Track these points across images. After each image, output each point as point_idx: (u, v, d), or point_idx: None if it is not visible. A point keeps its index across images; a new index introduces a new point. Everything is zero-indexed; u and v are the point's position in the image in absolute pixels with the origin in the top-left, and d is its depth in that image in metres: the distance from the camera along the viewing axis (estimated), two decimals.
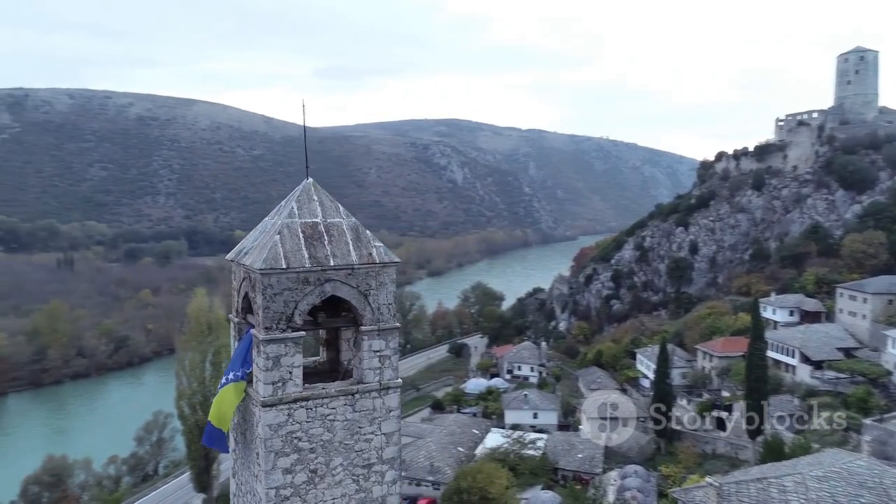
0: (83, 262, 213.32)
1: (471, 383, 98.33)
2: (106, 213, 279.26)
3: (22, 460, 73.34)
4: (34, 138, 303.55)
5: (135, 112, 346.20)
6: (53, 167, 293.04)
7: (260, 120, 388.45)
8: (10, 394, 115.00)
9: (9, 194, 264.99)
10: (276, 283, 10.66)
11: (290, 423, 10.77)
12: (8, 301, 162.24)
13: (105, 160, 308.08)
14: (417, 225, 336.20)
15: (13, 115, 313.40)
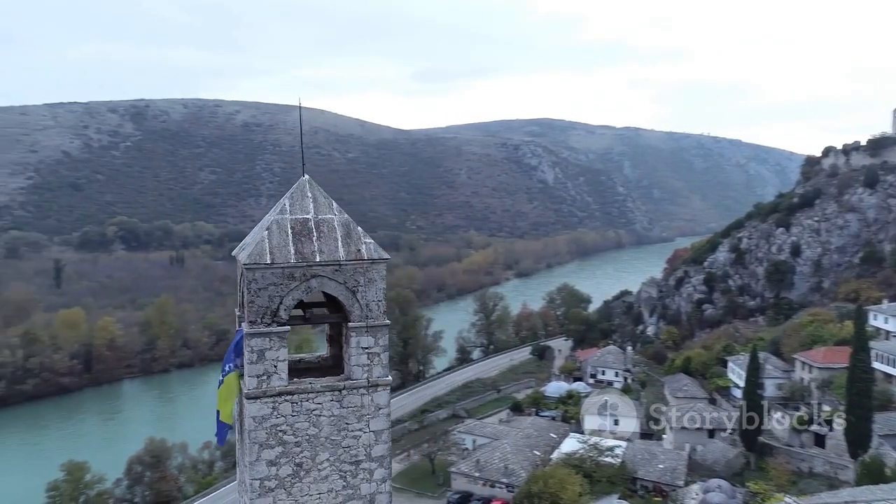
0: (192, 260, 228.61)
1: (551, 386, 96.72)
2: (213, 214, 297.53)
3: (130, 441, 79.49)
4: (153, 145, 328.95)
5: (241, 119, 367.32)
6: (169, 172, 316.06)
7: (355, 124, 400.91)
8: (124, 380, 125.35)
9: (130, 197, 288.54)
10: (261, 277, 10.88)
11: (275, 417, 10.96)
12: (126, 295, 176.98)
13: (214, 165, 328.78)
14: (507, 226, 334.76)
15: (136, 124, 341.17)
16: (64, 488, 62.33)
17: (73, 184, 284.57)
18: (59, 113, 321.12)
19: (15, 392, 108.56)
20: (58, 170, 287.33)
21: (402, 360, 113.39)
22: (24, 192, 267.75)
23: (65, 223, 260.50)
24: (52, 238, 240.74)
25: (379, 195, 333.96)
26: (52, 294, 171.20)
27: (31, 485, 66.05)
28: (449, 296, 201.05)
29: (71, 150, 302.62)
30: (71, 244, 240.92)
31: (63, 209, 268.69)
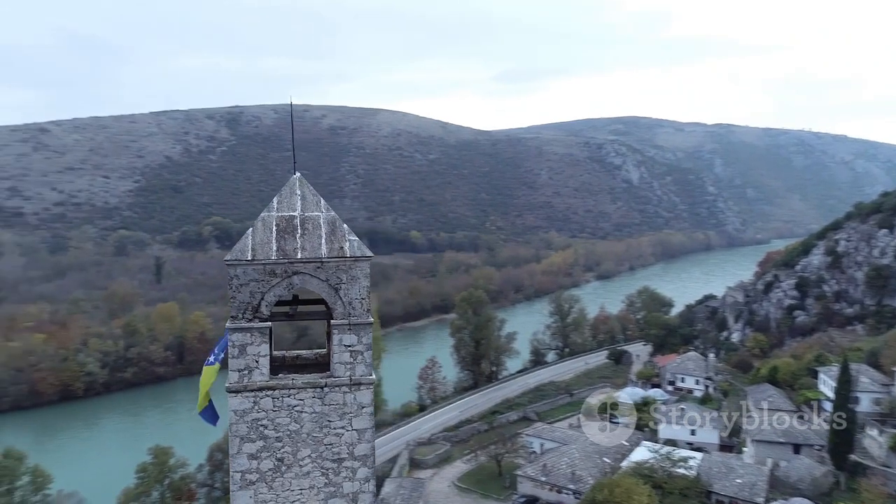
0: None
1: (626, 392, 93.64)
2: None
3: (211, 430, 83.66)
4: (246, 149, 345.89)
5: (327, 123, 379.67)
6: (260, 174, 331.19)
7: (437, 125, 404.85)
8: None
9: (224, 198, 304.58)
10: (242, 273, 11.05)
11: (256, 411, 11.11)
12: (218, 291, 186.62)
13: (301, 167, 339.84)
14: (589, 226, 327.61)
15: (231, 129, 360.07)
16: (151, 470, 66.50)
17: (175, 186, 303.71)
18: (162, 120, 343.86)
19: (116, 379, 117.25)
20: (161, 173, 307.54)
21: (475, 361, 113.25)
22: (131, 195, 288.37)
23: (166, 223, 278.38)
24: (154, 237, 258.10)
25: (459, 196, 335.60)
26: (153, 289, 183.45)
27: (124, 465, 70.90)
28: (526, 297, 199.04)
29: (173, 155, 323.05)
30: (171, 243, 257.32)
31: (165, 210, 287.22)
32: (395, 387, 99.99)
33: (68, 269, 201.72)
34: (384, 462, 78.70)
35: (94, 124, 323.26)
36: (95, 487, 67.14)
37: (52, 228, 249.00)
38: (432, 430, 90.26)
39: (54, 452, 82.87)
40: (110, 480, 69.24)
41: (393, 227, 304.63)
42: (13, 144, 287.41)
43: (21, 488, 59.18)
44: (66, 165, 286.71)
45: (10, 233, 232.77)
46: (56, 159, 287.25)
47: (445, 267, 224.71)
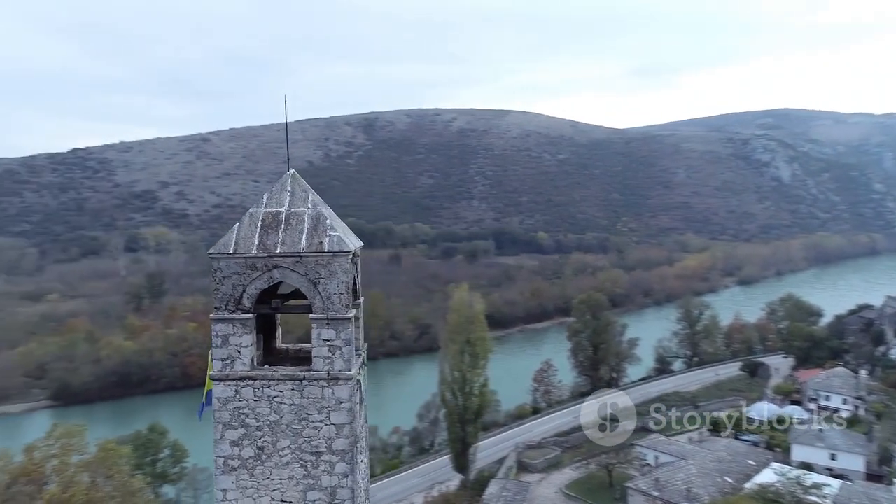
0: (408, 258, 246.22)
1: (757, 407, 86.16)
2: (431, 215, 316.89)
3: None
4: (380, 153, 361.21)
5: (457, 126, 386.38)
6: (393, 177, 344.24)
7: (567, 125, 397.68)
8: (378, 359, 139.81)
9: (359, 200, 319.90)
10: (225, 266, 11.49)
11: (238, 400, 11.49)
12: None
13: (432, 170, 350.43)
14: (731, 228, 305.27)
15: (366, 134, 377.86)
16: None
17: (315, 189, 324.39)
18: (306, 128, 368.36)
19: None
20: (303, 177, 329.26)
21: (593, 366, 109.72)
22: None
23: None
24: None
25: (589, 196, 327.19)
26: None
27: None
28: (656, 302, 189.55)
29: (314, 160, 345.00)
30: None
31: None
32: (510, 388, 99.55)
33: None
34: (492, 463, 78.63)
35: (247, 133, 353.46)
36: None
37: (211, 228, 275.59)
38: (543, 434, 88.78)
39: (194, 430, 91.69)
40: None
41: (520, 228, 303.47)
42: (181, 153, 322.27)
43: (162, 460, 66.01)
44: (224, 171, 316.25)
45: (177, 232, 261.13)
46: (215, 166, 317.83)
47: (571, 269, 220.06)
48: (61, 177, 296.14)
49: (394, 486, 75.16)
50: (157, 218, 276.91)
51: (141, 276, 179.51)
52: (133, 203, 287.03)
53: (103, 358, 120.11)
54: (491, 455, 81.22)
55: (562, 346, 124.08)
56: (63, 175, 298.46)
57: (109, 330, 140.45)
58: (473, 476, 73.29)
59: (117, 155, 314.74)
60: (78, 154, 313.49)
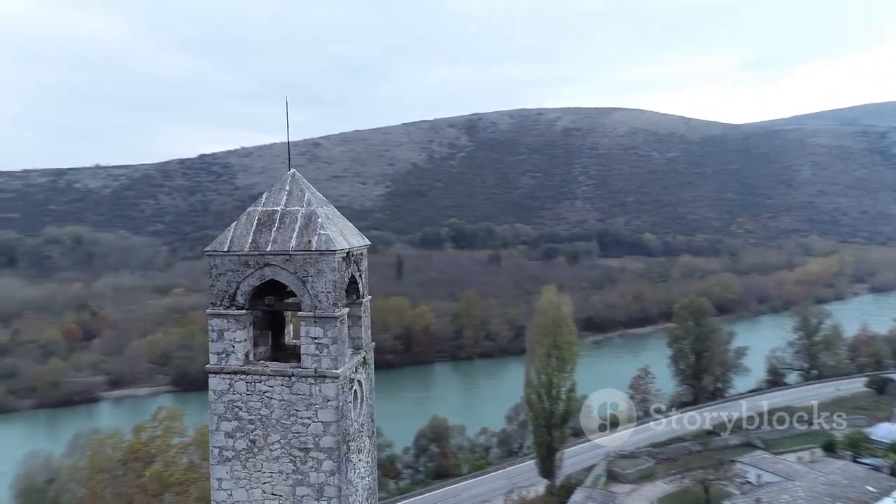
0: (508, 259, 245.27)
1: (882, 428, 78.05)
2: (532, 216, 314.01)
3: (421, 416, 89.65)
4: (483, 154, 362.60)
5: (561, 125, 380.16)
6: (495, 178, 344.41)
7: (677, 121, 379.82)
8: (435, 362, 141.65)
9: (462, 201, 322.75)
10: (220, 264, 11.85)
11: (232, 393, 11.83)
12: (449, 288, 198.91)
13: (534, 170, 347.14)
14: (864, 230, 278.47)
15: (469, 136, 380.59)
16: None
17: (419, 191, 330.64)
18: (411, 131, 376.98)
19: None
20: (408, 179, 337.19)
21: (695, 375, 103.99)
22: (383, 199, 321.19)
23: (410, 224, 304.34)
24: (399, 236, 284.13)
25: (700, 196, 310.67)
26: (393, 284, 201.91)
27: None
28: (773, 309, 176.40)
29: (418, 162, 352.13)
30: (413, 242, 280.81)
31: (409, 212, 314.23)
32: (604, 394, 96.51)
33: None
34: (580, 470, 76.48)
35: (355, 137, 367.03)
36: None
37: None
38: (638, 443, 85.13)
39: None
40: None
41: (625, 229, 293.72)
42: (294, 157, 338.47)
43: None
44: (333, 174, 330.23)
45: None
46: (325, 168, 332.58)
47: (679, 272, 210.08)
48: (190, 181, 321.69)
49: (478, 486, 75.09)
50: None
51: None
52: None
53: None
54: (580, 462, 79.03)
55: (663, 353, 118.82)
56: (191, 179, 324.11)
57: None
58: (560, 482, 71.68)
59: (238, 160, 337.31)
60: (204, 159, 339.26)
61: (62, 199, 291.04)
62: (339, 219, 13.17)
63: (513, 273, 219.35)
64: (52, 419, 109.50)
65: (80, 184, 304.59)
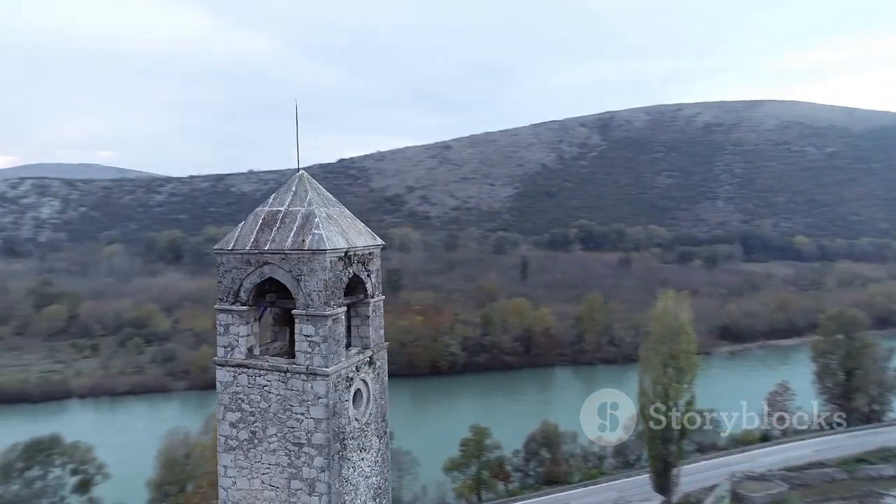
0: (639, 262, 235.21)
1: None
2: (667, 217, 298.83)
3: (534, 419, 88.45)
4: (615, 154, 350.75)
5: (702, 120, 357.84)
6: (628, 178, 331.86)
7: (838, 112, 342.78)
8: (556, 366, 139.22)
9: (592, 202, 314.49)
10: (226, 261, 12.40)
11: (235, 385, 12.35)
12: (573, 290, 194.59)
13: (671, 169, 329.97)
14: None
15: (602, 135, 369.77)
16: (470, 446, 74.10)
17: (547, 192, 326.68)
18: (540, 131, 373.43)
19: (472, 362, 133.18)
20: (536, 180, 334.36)
21: (844, 394, 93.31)
22: (511, 200, 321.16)
23: (538, 225, 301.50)
24: (527, 238, 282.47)
25: (866, 195, 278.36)
26: (517, 284, 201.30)
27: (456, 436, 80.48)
28: None
29: (547, 163, 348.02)
30: (541, 244, 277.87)
31: (538, 213, 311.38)
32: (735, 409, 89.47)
33: (456, 264, 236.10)
34: (700, 489, 71.52)
35: (484, 139, 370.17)
36: (428, 451, 77.81)
37: (449, 229, 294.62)
38: (770, 465, 77.99)
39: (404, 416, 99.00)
40: (441, 448, 79.43)
41: (773, 231, 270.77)
42: (426, 160, 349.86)
43: None
44: (462, 176, 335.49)
45: (419, 232, 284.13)
46: (455, 171, 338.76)
47: (835, 279, 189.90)
48: (329, 184, 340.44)
49: (589, 496, 72.79)
50: (403, 219, 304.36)
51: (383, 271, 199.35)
52: (384, 206, 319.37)
53: None
54: (703, 480, 73.92)
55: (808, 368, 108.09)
56: (331, 182, 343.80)
57: None
58: (677, 500, 67.55)
59: (373, 163, 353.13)
60: (343, 163, 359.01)
61: (220, 202, 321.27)
62: (347, 219, 13.32)
63: (643, 277, 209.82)
64: (201, 400, 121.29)
65: (236, 188, 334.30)
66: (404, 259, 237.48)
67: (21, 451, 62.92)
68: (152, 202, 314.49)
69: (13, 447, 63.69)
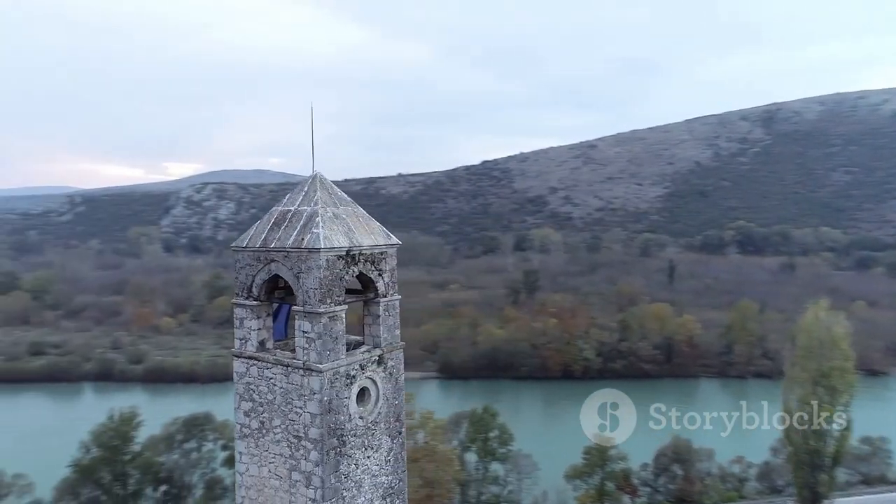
0: (806, 268, 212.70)
1: None
2: (843, 218, 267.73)
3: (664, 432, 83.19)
4: (781, 148, 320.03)
5: (889, 108, 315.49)
6: (796, 175, 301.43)
7: None
8: (700, 377, 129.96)
9: (752, 202, 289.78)
10: (241, 258, 13.01)
11: (248, 376, 12.93)
12: (725, 297, 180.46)
13: (849, 164, 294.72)
14: None
15: (765, 128, 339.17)
16: (594, 454, 71.55)
17: (701, 191, 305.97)
18: (694, 127, 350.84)
19: (607, 368, 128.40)
20: (689, 179, 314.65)
21: None
22: (660, 200, 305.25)
23: (690, 227, 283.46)
24: (676, 240, 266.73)
25: None
26: (662, 289, 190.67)
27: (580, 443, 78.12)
28: None
29: (702, 160, 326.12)
30: (692, 246, 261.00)
31: (690, 214, 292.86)
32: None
33: (598, 267, 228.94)
34: None
35: (632, 137, 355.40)
36: (549, 456, 76.32)
37: (592, 231, 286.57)
38: None
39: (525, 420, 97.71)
40: (564, 454, 77.41)
41: None
42: (569, 160, 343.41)
43: (491, 440, 72.59)
44: (607, 176, 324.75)
45: (561, 234, 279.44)
46: (599, 171, 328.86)
47: None
48: (473, 185, 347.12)
49: None
50: (545, 220, 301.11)
51: (521, 272, 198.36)
52: (526, 207, 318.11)
53: (478, 342, 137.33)
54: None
55: None
56: (475, 184, 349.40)
57: (489, 318, 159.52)
58: None
59: (516, 164, 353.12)
60: (486, 165, 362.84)
61: (371, 204, 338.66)
62: (357, 219, 13.42)
63: (809, 284, 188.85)
64: None
65: (385, 190, 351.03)
66: (544, 261, 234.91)
67: (181, 425, 70.85)
68: None
69: (175, 421, 71.92)
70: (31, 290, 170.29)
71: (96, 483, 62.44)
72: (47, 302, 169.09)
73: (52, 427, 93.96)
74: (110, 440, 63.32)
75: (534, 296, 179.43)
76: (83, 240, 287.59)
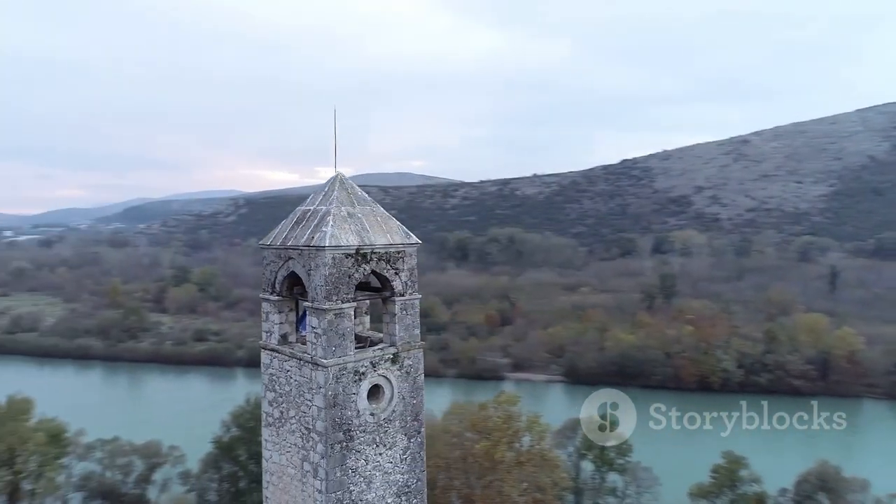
0: None
1: None
2: None
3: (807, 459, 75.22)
4: None
5: None
6: None
7: None
8: (863, 398, 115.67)
9: None
10: (268, 255, 13.64)
11: (272, 367, 13.54)
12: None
13: None
14: None
15: None
16: (722, 473, 66.46)
17: (876, 189, 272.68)
18: (868, 117, 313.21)
19: (750, 381, 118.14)
20: (860, 175, 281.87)
21: None
22: (824, 199, 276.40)
23: (860, 230, 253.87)
24: (843, 244, 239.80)
25: None
26: (821, 298, 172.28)
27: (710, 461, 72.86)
28: None
29: (877, 154, 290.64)
30: (863, 251, 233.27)
31: (860, 215, 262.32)
32: None
33: (746, 272, 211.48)
34: None
35: (793, 130, 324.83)
36: (675, 471, 71.91)
37: (743, 233, 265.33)
38: None
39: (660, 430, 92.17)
40: (691, 471, 72.47)
41: None
42: (718, 157, 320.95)
43: (608, 449, 69.72)
44: (762, 173, 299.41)
45: (706, 236, 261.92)
46: (753, 168, 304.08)
47: None
48: (611, 185, 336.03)
49: None
50: (688, 222, 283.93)
51: (658, 276, 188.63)
52: (668, 208, 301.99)
53: (606, 347, 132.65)
54: None
55: None
56: (613, 184, 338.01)
57: (620, 323, 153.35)
58: None
59: (658, 163, 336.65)
60: (625, 164, 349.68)
61: (506, 205, 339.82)
62: (374, 218, 13.53)
63: None
64: (468, 388, 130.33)
65: (520, 191, 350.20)
66: (685, 264, 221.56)
67: None
68: (447, 205, 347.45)
69: None
70: (198, 283, 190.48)
71: (234, 460, 68.46)
72: (211, 294, 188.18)
73: (205, 405, 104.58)
74: (247, 421, 69.05)
75: (670, 301, 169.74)
76: (244, 238, 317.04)
